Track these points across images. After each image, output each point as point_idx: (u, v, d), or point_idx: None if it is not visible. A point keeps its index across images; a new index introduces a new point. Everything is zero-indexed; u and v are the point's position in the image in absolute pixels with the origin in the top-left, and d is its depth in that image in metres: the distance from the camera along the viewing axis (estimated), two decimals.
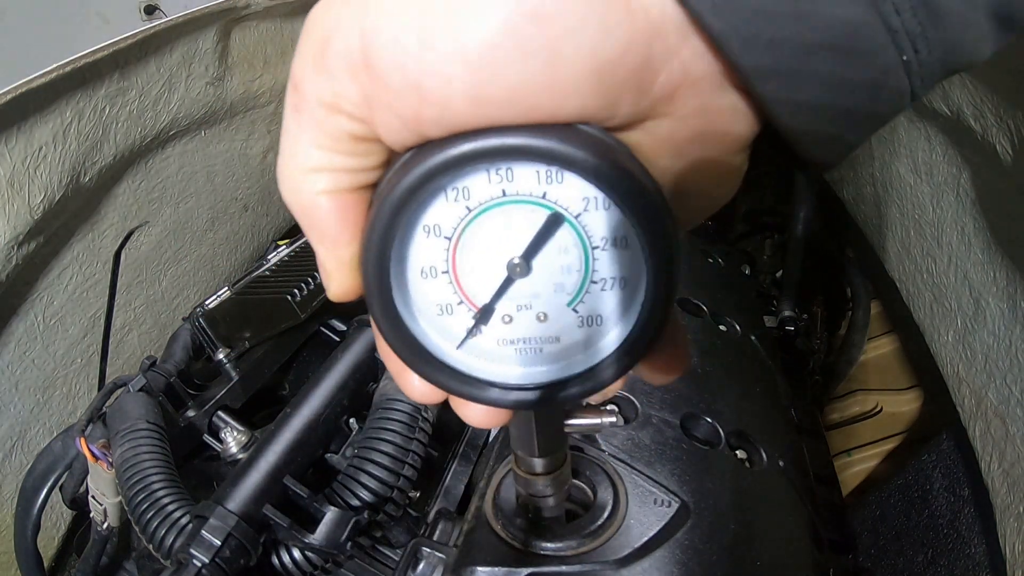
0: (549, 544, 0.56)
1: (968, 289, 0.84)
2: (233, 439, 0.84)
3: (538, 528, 0.57)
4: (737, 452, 0.75)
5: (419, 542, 0.64)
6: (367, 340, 0.86)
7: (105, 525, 0.78)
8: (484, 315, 0.27)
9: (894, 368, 1.35)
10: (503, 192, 0.24)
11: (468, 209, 0.25)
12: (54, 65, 0.80)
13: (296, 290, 0.88)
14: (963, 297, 0.85)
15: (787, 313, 1.37)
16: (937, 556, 0.94)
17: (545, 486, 0.46)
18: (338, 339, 1.01)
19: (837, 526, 0.91)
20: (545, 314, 0.27)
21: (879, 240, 1.09)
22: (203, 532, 0.61)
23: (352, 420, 0.83)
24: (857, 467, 1.32)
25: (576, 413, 0.42)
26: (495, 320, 0.27)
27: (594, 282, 0.26)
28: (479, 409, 0.29)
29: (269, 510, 0.65)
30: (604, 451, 0.65)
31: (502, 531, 0.57)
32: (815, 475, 0.92)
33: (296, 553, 0.67)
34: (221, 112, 1.19)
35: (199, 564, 0.59)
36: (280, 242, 1.14)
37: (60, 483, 0.81)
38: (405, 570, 0.62)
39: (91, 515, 0.80)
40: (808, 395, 1.33)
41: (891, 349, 1.36)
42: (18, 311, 0.93)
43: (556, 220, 0.25)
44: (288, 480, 0.68)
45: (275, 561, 0.67)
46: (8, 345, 0.93)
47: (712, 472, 0.67)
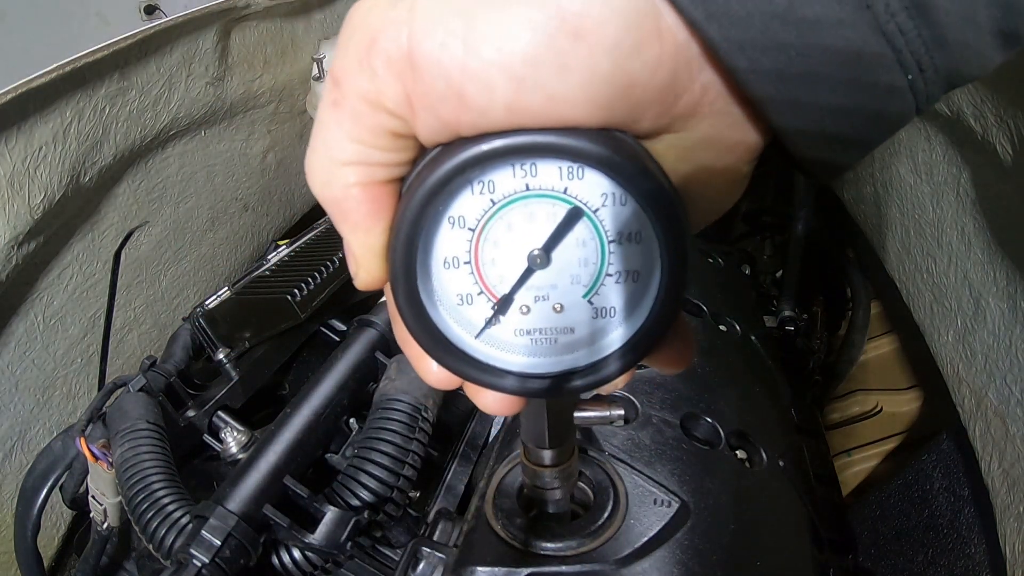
0: (549, 544, 0.56)
1: (968, 289, 0.84)
2: (233, 439, 0.84)
3: (538, 528, 0.57)
4: (737, 452, 0.75)
5: (419, 542, 0.64)
6: (367, 340, 0.86)
7: (105, 525, 0.78)
8: (504, 305, 0.28)
9: (894, 368, 1.35)
10: (527, 186, 0.25)
11: (492, 202, 0.26)
12: (54, 65, 0.80)
13: (296, 290, 0.87)
14: (963, 297, 0.85)
15: (787, 313, 1.38)
16: (937, 556, 0.94)
17: (552, 478, 0.47)
18: (338, 339, 1.01)
19: (837, 526, 0.91)
20: (561, 305, 0.28)
21: (879, 240, 1.09)
22: (203, 532, 0.61)
23: (352, 420, 0.83)
24: (857, 467, 1.32)
25: (586, 406, 0.42)
26: (513, 310, 0.28)
27: (609, 275, 0.27)
28: (494, 396, 0.30)
29: (269, 510, 0.65)
30: (604, 451, 0.65)
31: (502, 531, 0.58)
32: (815, 475, 0.92)
33: (296, 553, 0.67)
34: (221, 112, 1.19)
35: (199, 564, 0.59)
36: (280, 242, 1.14)
37: (60, 483, 0.81)
38: (405, 570, 0.62)
39: (91, 515, 0.80)
40: (808, 395, 1.33)
41: (891, 349, 1.36)
42: (18, 311, 0.93)
43: (576, 214, 0.26)
44: (288, 480, 0.68)
45: (275, 561, 0.67)
46: (8, 345, 0.93)
47: (712, 472, 0.67)
